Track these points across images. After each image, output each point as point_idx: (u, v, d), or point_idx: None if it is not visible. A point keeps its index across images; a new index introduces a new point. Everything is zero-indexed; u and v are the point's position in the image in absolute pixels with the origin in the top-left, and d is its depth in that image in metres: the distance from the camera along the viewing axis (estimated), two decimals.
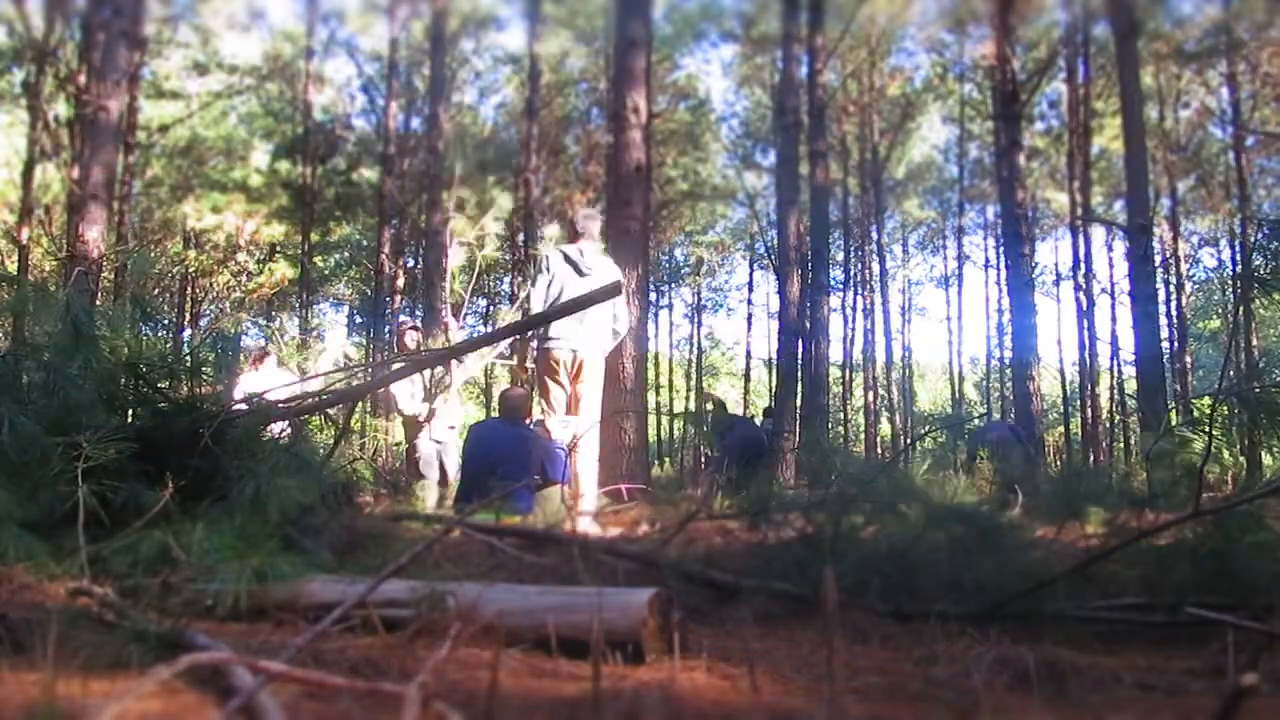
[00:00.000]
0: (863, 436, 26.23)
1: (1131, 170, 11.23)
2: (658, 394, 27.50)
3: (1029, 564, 2.22)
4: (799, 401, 13.15)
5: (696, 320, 29.94)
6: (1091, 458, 18.16)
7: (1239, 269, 17.67)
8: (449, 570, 2.37)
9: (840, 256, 23.48)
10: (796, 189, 13.52)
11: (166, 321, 16.19)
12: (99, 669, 1.58)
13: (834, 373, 22.02)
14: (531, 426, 5.75)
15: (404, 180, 18.96)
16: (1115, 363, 20.60)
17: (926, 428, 3.23)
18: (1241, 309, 11.71)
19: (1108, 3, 12.71)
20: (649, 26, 9.62)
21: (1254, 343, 17.67)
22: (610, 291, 3.81)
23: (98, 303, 3.56)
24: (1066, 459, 20.71)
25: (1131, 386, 16.22)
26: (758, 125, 23.54)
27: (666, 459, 23.60)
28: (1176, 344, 18.96)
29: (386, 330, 20.01)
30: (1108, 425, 21.55)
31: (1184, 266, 20.77)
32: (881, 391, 25.93)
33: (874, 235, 24.98)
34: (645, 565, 2.50)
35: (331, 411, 3.48)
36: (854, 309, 25.31)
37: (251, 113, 21.36)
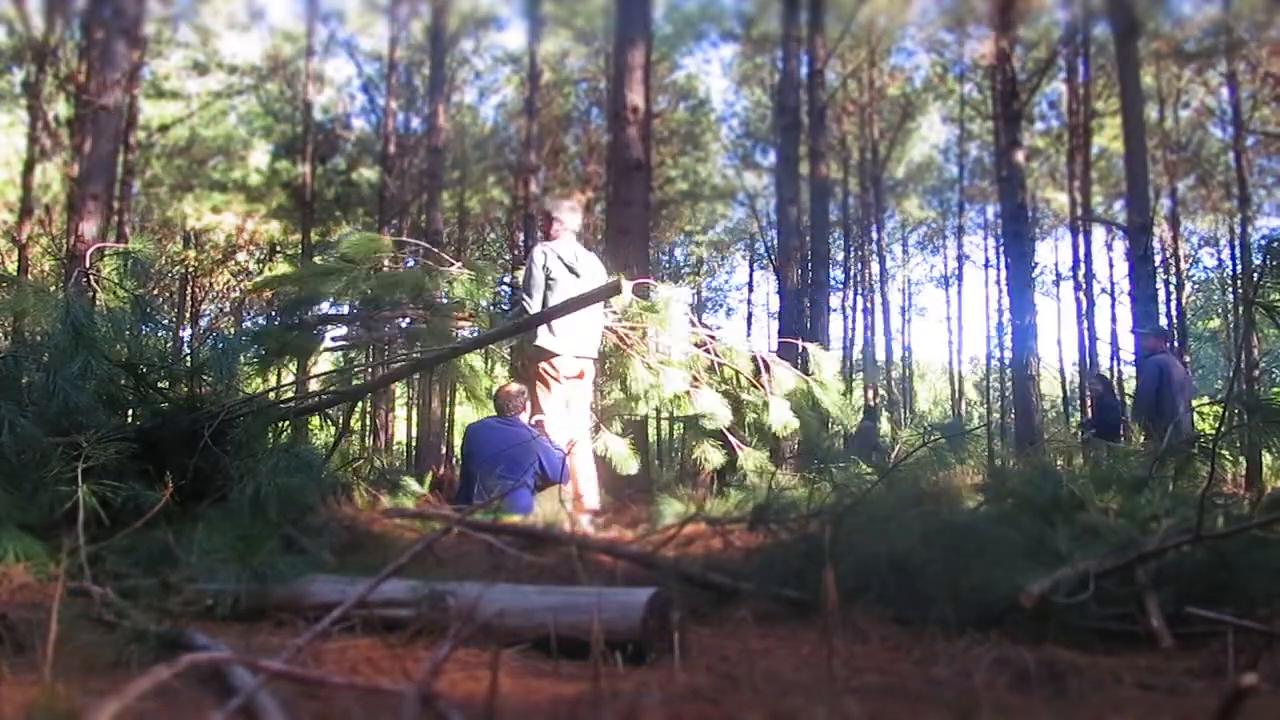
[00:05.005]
0: None
1: (1131, 170, 11.21)
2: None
3: (1028, 573, 2.21)
4: None
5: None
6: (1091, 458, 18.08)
7: (1240, 294, 17.66)
8: (449, 570, 2.37)
9: (840, 256, 23.44)
10: (796, 188, 13.50)
11: (166, 321, 16.18)
12: (99, 669, 1.58)
13: None
14: (529, 425, 5.72)
15: (404, 180, 18.94)
16: (1115, 363, 20.60)
17: (930, 436, 3.18)
18: (1243, 312, 11.67)
19: (1108, 2, 12.69)
20: (649, 25, 9.61)
21: (1254, 341, 17.64)
22: (610, 291, 3.80)
23: (97, 302, 3.55)
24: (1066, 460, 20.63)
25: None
26: (758, 125, 23.49)
27: (666, 459, 23.56)
28: (1176, 344, 18.95)
29: (386, 330, 19.97)
30: None
31: (1184, 266, 20.75)
32: (881, 391, 25.90)
33: (874, 235, 24.95)
34: (644, 566, 2.50)
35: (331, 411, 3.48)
36: (854, 309, 25.30)
37: (251, 112, 21.31)
